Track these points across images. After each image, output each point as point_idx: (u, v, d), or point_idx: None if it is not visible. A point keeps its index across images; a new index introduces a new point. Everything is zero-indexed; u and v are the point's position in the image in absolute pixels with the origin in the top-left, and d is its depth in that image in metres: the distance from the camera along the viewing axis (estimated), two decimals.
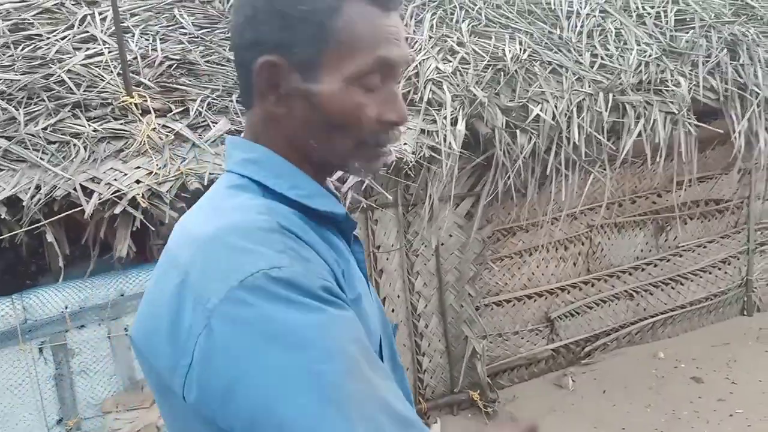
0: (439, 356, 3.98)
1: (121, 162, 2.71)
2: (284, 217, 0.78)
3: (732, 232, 4.81)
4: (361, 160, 0.85)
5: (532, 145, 3.58)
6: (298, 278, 0.69)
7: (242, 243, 0.72)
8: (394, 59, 0.82)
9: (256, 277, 0.68)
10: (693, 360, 4.38)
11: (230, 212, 0.78)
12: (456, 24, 4.11)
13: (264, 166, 0.84)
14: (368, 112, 0.82)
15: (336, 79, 0.81)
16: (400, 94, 0.86)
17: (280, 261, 0.70)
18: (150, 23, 3.62)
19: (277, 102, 0.83)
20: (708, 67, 4.09)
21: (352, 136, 0.83)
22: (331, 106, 0.81)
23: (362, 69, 0.81)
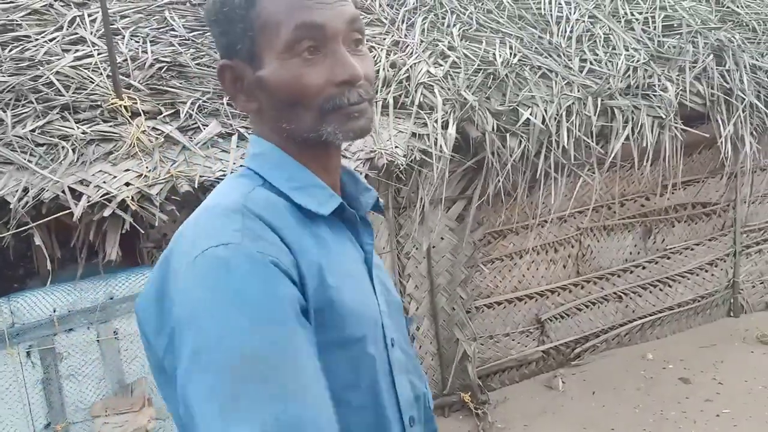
0: (431, 358, 3.99)
1: (110, 164, 2.69)
2: (261, 203, 0.85)
3: (719, 235, 4.86)
4: (331, 124, 0.89)
5: (522, 148, 3.60)
6: (239, 256, 0.77)
7: (205, 224, 0.83)
8: (316, 21, 0.86)
9: (204, 254, 0.77)
10: (681, 361, 4.42)
11: (215, 195, 0.90)
12: (447, 28, 4.13)
13: (267, 159, 0.93)
14: (312, 79, 0.86)
15: (273, 58, 0.87)
16: (345, 54, 0.88)
17: (231, 238, 0.78)
18: (140, 25, 3.60)
19: (247, 99, 0.92)
20: (695, 73, 4.14)
21: (308, 105, 0.87)
22: (276, 84, 0.87)
23: (288, 39, 0.86)
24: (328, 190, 0.94)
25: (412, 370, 1.03)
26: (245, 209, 0.83)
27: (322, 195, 0.93)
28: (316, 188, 0.93)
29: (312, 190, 0.92)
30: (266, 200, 0.88)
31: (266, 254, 0.78)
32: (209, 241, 0.78)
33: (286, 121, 0.90)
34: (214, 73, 3.33)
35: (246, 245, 0.78)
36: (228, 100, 3.12)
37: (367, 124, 0.92)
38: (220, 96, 3.18)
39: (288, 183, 0.91)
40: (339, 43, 0.88)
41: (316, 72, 0.87)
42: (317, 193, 0.93)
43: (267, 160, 0.93)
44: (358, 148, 3.21)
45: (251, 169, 0.94)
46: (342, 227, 0.97)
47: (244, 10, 0.87)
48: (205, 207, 0.88)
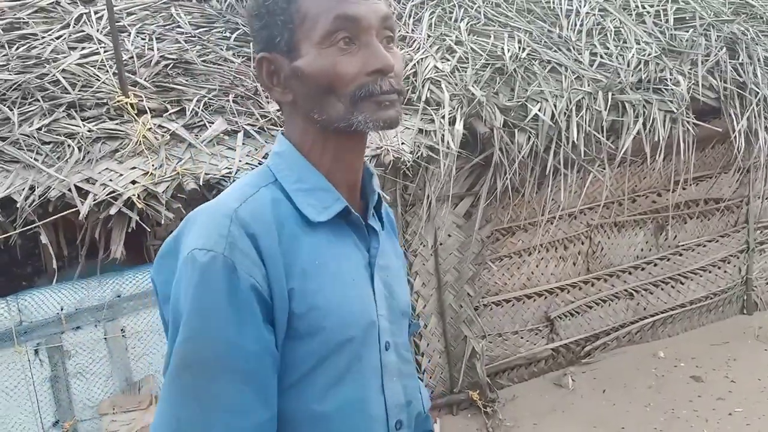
0: (438, 356, 3.97)
1: (116, 162, 2.69)
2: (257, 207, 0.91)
3: (732, 231, 4.80)
4: (363, 113, 0.92)
5: (530, 144, 3.56)
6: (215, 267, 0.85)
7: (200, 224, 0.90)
8: (353, 14, 0.91)
9: (188, 255, 0.87)
10: (693, 359, 4.37)
11: (226, 192, 0.96)
12: (455, 23, 4.09)
13: (284, 158, 0.98)
14: (346, 67, 0.91)
15: (310, 48, 0.92)
16: (378, 46, 0.93)
17: (215, 244, 0.86)
18: (146, 22, 3.60)
19: (283, 91, 0.97)
20: (707, 66, 4.07)
21: (341, 93, 0.92)
22: (312, 72, 0.92)
23: (326, 30, 0.91)
24: (334, 194, 0.98)
25: (407, 375, 1.05)
26: (235, 215, 0.88)
27: (327, 198, 0.96)
28: (322, 191, 0.96)
29: (318, 194, 0.96)
30: (263, 204, 0.92)
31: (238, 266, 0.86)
32: (198, 241, 0.88)
33: (317, 111, 0.94)
34: (220, 70, 3.32)
35: (224, 254, 0.85)
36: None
37: (397, 116, 0.96)
38: (226, 93, 3.17)
39: (295, 185, 0.96)
40: (372, 36, 0.93)
41: (351, 61, 0.92)
42: (322, 197, 0.96)
43: (283, 159, 0.99)
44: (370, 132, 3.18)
45: (269, 167, 0.99)
46: (348, 231, 0.99)
47: (286, 3, 0.93)
48: (212, 203, 0.94)
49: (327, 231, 0.96)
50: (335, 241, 0.97)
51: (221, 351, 0.85)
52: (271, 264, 0.88)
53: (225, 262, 0.85)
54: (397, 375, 1.03)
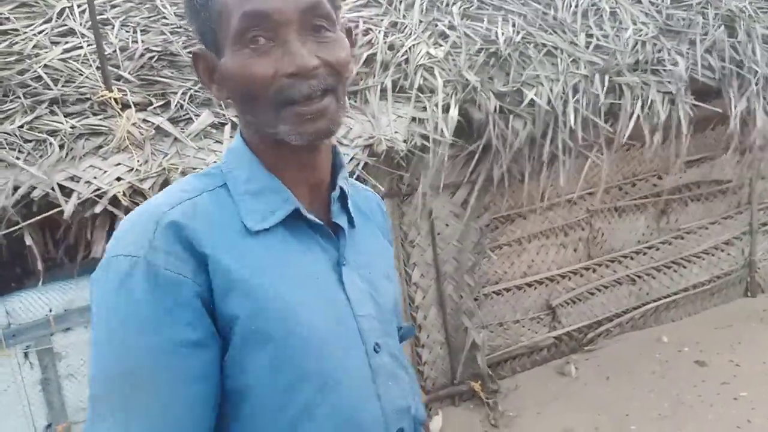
0: (439, 347, 3.91)
1: (100, 159, 2.62)
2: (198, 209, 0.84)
3: (734, 213, 4.73)
4: (285, 123, 0.85)
5: (527, 130, 3.48)
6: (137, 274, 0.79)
7: (127, 227, 0.84)
8: (261, 10, 0.82)
9: (107, 260, 0.82)
10: (697, 343, 4.31)
11: (161, 193, 0.90)
12: (447, 7, 4.01)
13: (236, 155, 0.93)
14: (260, 70, 0.83)
15: (228, 48, 0.85)
16: (293, 44, 0.84)
17: (138, 249, 0.80)
18: (131, 14, 3.52)
19: (219, 89, 0.91)
20: (705, 45, 3.99)
21: (262, 98, 0.84)
22: (230, 75, 0.85)
23: (236, 29, 0.83)
24: (282, 195, 0.90)
25: (393, 380, 0.96)
26: (163, 218, 0.82)
27: (275, 200, 0.89)
28: (271, 193, 0.90)
29: (267, 195, 0.89)
30: (202, 208, 0.85)
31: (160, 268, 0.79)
32: (119, 247, 0.82)
33: (249, 114, 0.89)
34: None
35: (149, 261, 0.79)
36: None
37: (327, 125, 0.86)
38: None
39: (244, 185, 0.90)
40: (291, 32, 0.84)
41: (265, 63, 0.83)
42: (270, 199, 0.89)
43: (235, 156, 0.93)
44: (356, 135, 3.11)
45: (220, 167, 0.94)
46: (307, 230, 0.92)
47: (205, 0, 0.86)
48: (143, 206, 0.88)
49: (282, 232, 0.89)
50: (292, 241, 0.90)
51: (147, 360, 0.78)
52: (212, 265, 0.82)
53: (147, 264, 0.79)
54: (393, 378, 0.95)
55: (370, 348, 0.92)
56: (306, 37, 0.85)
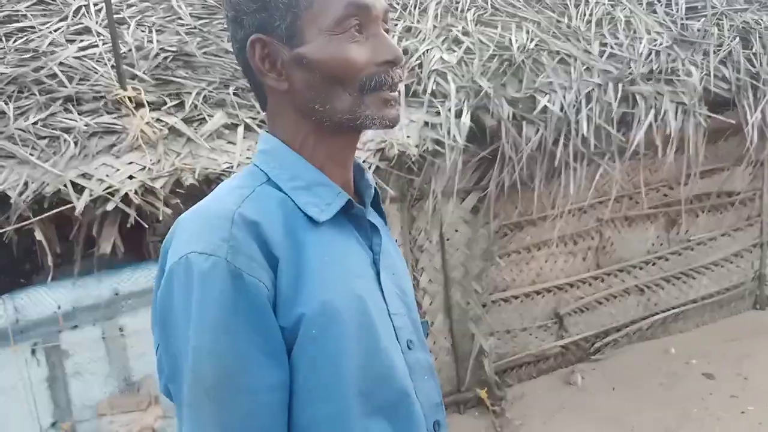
0: (445, 354, 3.89)
1: (113, 157, 2.62)
2: (260, 206, 0.84)
3: (745, 225, 4.70)
4: (369, 108, 0.89)
5: (539, 137, 3.47)
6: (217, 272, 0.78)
7: (195, 226, 0.83)
8: (365, 2, 0.88)
9: (181, 260, 0.81)
10: (705, 356, 4.28)
11: (212, 198, 0.89)
12: (461, 13, 4.00)
13: (273, 155, 0.92)
14: (357, 56, 0.87)
15: (318, 35, 0.87)
16: (387, 36, 0.91)
17: (216, 248, 0.79)
18: (146, 14, 3.53)
19: (278, 78, 0.90)
20: (720, 57, 3.97)
21: (350, 83, 0.88)
22: (321, 60, 0.87)
23: (337, 17, 0.86)
24: (334, 188, 0.92)
25: (428, 372, 0.99)
26: (237, 216, 0.82)
27: (328, 194, 0.91)
28: (321, 187, 0.91)
29: (317, 189, 0.91)
30: (266, 203, 0.87)
31: (244, 272, 0.79)
32: (195, 245, 0.81)
33: (321, 102, 0.89)
34: (221, 62, 3.24)
35: (228, 259, 0.79)
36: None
37: (398, 115, 0.94)
38: (226, 86, 3.09)
39: (291, 182, 0.90)
40: (380, 27, 0.90)
41: (361, 50, 0.88)
42: (322, 193, 0.91)
43: (273, 157, 0.93)
44: (369, 139, 3.11)
45: (257, 166, 0.93)
46: (350, 227, 0.94)
47: None
48: (204, 205, 0.88)
49: (331, 228, 0.90)
50: (340, 238, 0.91)
51: (239, 368, 0.79)
52: (281, 266, 0.83)
53: (229, 269, 0.78)
54: (428, 373, 0.98)
55: (404, 345, 0.94)
56: None
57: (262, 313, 0.80)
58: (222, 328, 0.78)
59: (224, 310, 0.78)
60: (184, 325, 0.80)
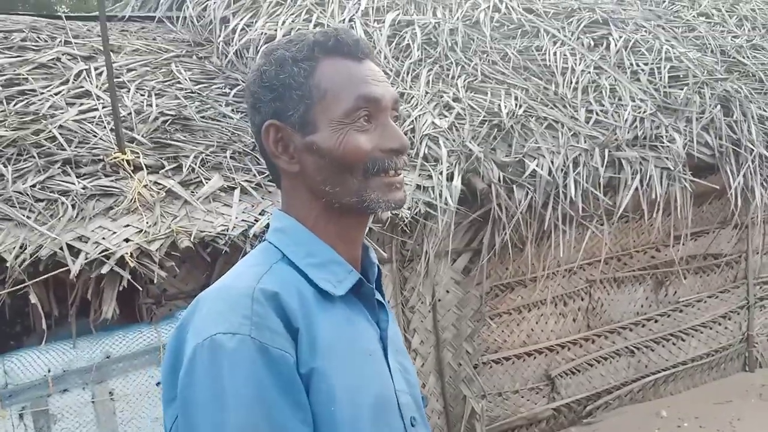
0: (437, 417, 3.85)
1: (110, 220, 2.64)
2: (278, 281, 0.88)
3: (731, 287, 4.76)
4: (375, 191, 0.94)
5: (529, 200, 3.55)
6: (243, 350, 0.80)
7: (217, 305, 0.86)
8: (374, 95, 0.94)
9: (205, 342, 0.82)
10: (696, 418, 4.26)
11: (231, 276, 0.92)
12: (452, 80, 4.14)
13: (288, 234, 0.96)
14: (366, 144, 0.93)
15: (329, 125, 0.93)
16: (395, 126, 0.96)
17: (239, 327, 0.81)
18: (146, 78, 3.62)
19: (290, 161, 0.96)
20: (702, 123, 4.11)
21: (356, 168, 0.93)
22: (330, 148, 0.92)
23: (348, 109, 0.92)
24: (346, 266, 0.96)
25: None
26: (257, 292, 0.85)
27: (341, 271, 0.95)
28: (334, 264, 0.95)
29: (331, 267, 0.94)
30: (282, 278, 0.90)
31: (269, 346, 0.82)
32: (218, 326, 0.82)
33: (330, 184, 0.94)
34: (218, 126, 3.32)
35: (251, 336, 0.81)
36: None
37: (405, 197, 0.98)
38: (223, 149, 3.16)
39: (306, 259, 0.94)
40: (388, 116, 0.96)
41: (367, 138, 0.93)
42: (335, 270, 0.94)
43: (287, 235, 0.96)
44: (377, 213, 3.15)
45: (272, 244, 0.97)
46: (358, 305, 0.97)
47: (303, 78, 0.94)
48: (222, 285, 0.91)
49: (343, 306, 0.94)
50: (351, 315, 0.95)
51: None
52: (300, 339, 0.85)
53: (255, 344, 0.81)
54: None
55: (408, 422, 0.96)
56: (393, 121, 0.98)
57: (293, 382, 0.83)
58: (258, 404, 0.79)
59: (257, 385, 0.80)
60: (213, 406, 0.80)
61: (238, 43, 4.10)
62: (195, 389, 0.82)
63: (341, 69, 0.94)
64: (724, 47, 4.94)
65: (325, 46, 0.95)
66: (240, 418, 0.79)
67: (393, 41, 4.33)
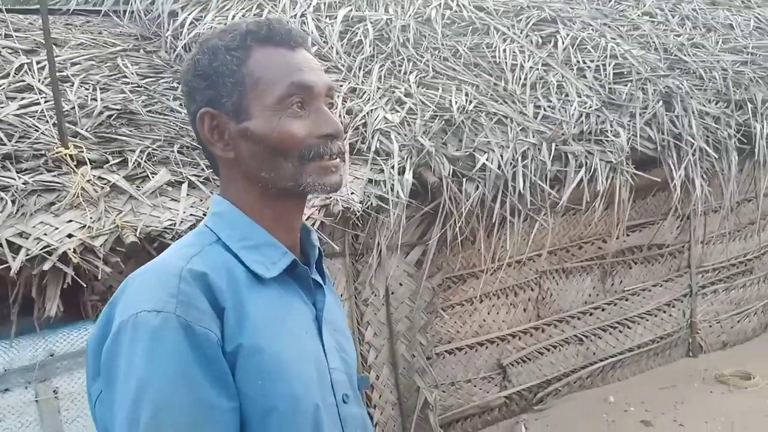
0: (391, 408, 3.89)
1: (52, 216, 2.59)
2: (208, 262, 0.90)
3: (675, 276, 4.93)
4: (311, 175, 0.96)
5: (479, 193, 3.61)
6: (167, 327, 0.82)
7: (146, 284, 0.88)
8: (307, 82, 0.96)
9: (130, 319, 0.84)
10: (642, 403, 4.41)
11: (161, 257, 0.95)
12: (404, 75, 4.17)
13: (224, 218, 0.99)
14: (299, 130, 0.95)
15: (263, 111, 0.95)
16: (329, 112, 0.99)
17: (165, 305, 0.83)
18: (91, 72, 3.55)
19: (225, 148, 0.98)
20: (645, 118, 4.25)
21: (292, 154, 0.95)
22: (264, 134, 0.95)
23: (281, 95, 0.95)
24: (281, 248, 0.98)
25: (361, 427, 1.04)
26: (185, 272, 0.87)
27: (275, 254, 0.97)
28: (269, 247, 0.97)
29: (264, 249, 0.97)
30: (213, 259, 0.92)
31: (194, 324, 0.83)
32: (144, 303, 0.84)
33: (266, 170, 0.96)
34: (165, 121, 3.28)
35: (176, 314, 0.83)
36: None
37: (341, 180, 1.02)
38: (170, 143, 3.12)
39: (240, 242, 0.96)
40: (321, 103, 0.99)
41: (302, 125, 0.96)
42: (269, 252, 0.97)
43: (223, 219, 0.99)
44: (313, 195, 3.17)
45: (208, 227, 0.99)
46: (294, 286, 1.00)
47: (236, 66, 0.96)
48: (153, 264, 0.93)
49: (276, 287, 0.96)
50: (285, 296, 0.97)
51: (200, 416, 0.82)
52: (226, 318, 0.87)
53: (179, 322, 0.83)
54: (361, 427, 1.03)
55: (340, 399, 0.99)
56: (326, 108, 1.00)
57: (216, 359, 0.84)
58: (181, 380, 0.81)
59: (180, 361, 0.82)
60: (136, 382, 0.81)
61: (186, 37, 4.05)
62: (118, 364, 0.84)
63: (274, 57, 0.97)
64: (666, 45, 5.10)
65: (257, 35, 0.97)
66: (162, 393, 0.81)
67: (345, 37, 4.35)
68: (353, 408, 1.02)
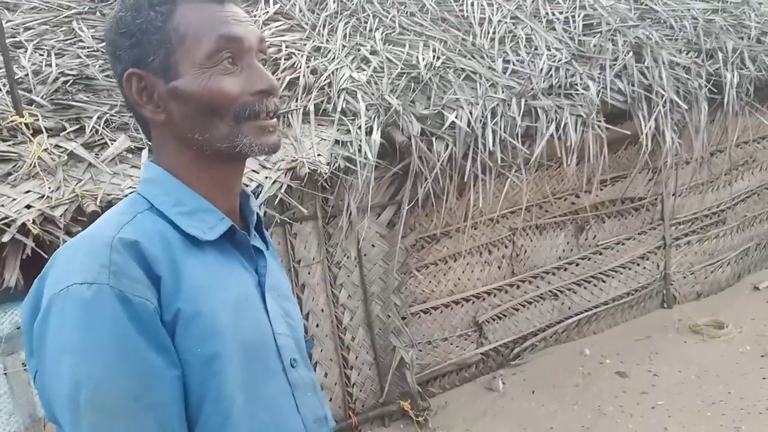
0: (368, 368, 3.93)
1: (9, 186, 2.53)
2: (139, 230, 0.87)
3: (648, 229, 4.97)
4: (247, 136, 0.92)
5: (448, 152, 3.58)
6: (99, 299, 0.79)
7: (76, 256, 0.84)
8: (236, 34, 0.92)
9: (63, 290, 0.80)
10: (617, 355, 4.49)
11: (91, 228, 0.90)
12: (369, 32, 4.09)
13: (157, 184, 0.95)
14: (232, 87, 0.91)
15: (192, 69, 0.90)
16: (261, 67, 0.94)
17: (96, 276, 0.80)
18: (45, 37, 3.43)
19: (155, 110, 0.93)
20: (615, 71, 4.21)
21: (226, 113, 0.91)
22: (194, 92, 0.90)
23: (209, 51, 0.90)
24: (217, 214, 0.95)
25: (311, 390, 1.03)
26: (115, 241, 0.83)
27: (211, 219, 0.94)
28: (204, 212, 0.94)
29: (200, 215, 0.94)
30: (145, 226, 0.89)
31: (129, 294, 0.81)
32: (74, 276, 0.81)
33: (199, 131, 0.92)
34: None
35: (110, 285, 0.80)
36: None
37: (279, 140, 0.97)
38: None
39: (175, 208, 0.93)
40: (253, 57, 0.94)
41: (234, 81, 0.91)
42: (205, 218, 0.94)
43: (157, 185, 0.95)
44: (279, 158, 3.13)
45: (141, 194, 0.96)
46: (234, 252, 0.97)
47: (161, 22, 0.91)
48: (83, 235, 0.88)
49: (215, 252, 0.94)
50: (224, 261, 0.95)
51: (145, 385, 0.80)
52: (162, 286, 0.85)
53: (113, 293, 0.80)
54: (311, 390, 1.02)
55: (287, 364, 0.98)
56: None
57: (155, 327, 0.82)
58: (120, 351, 0.79)
59: (118, 333, 0.79)
60: (71, 355, 0.79)
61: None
62: (50, 341, 0.81)
63: (200, 11, 0.92)
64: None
65: None
66: (102, 366, 0.79)
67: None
68: (302, 371, 1.01)
